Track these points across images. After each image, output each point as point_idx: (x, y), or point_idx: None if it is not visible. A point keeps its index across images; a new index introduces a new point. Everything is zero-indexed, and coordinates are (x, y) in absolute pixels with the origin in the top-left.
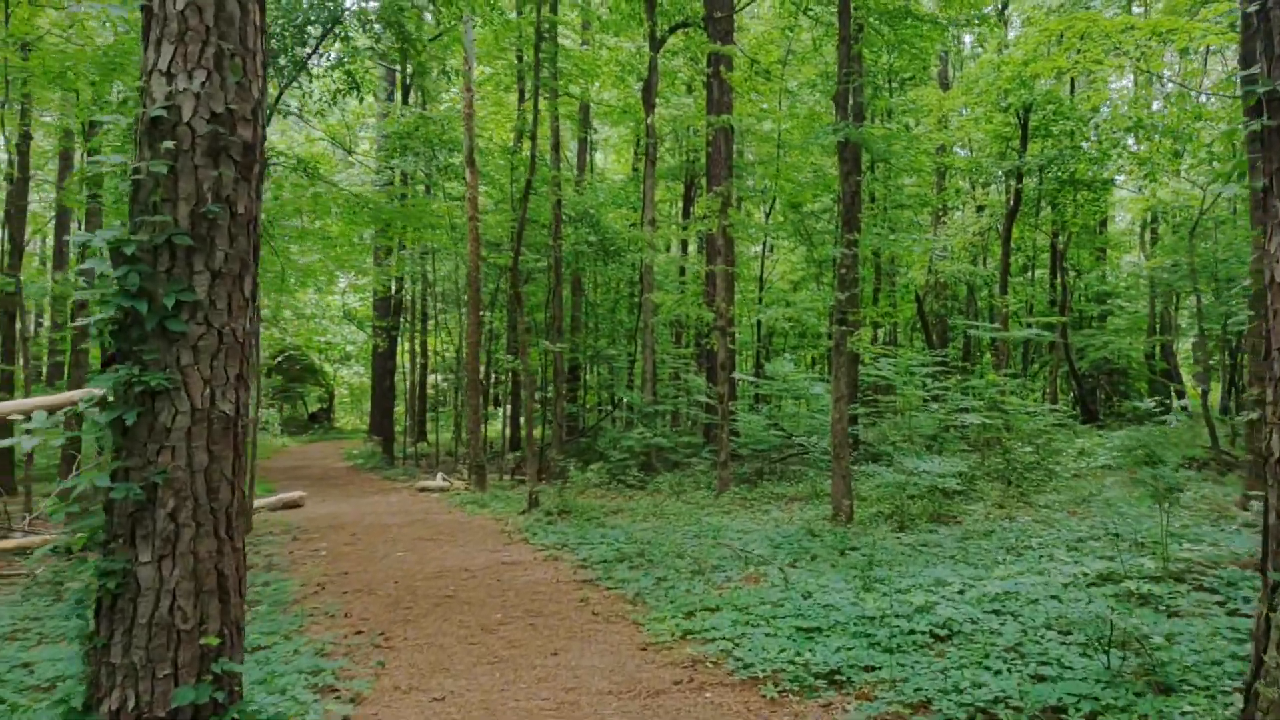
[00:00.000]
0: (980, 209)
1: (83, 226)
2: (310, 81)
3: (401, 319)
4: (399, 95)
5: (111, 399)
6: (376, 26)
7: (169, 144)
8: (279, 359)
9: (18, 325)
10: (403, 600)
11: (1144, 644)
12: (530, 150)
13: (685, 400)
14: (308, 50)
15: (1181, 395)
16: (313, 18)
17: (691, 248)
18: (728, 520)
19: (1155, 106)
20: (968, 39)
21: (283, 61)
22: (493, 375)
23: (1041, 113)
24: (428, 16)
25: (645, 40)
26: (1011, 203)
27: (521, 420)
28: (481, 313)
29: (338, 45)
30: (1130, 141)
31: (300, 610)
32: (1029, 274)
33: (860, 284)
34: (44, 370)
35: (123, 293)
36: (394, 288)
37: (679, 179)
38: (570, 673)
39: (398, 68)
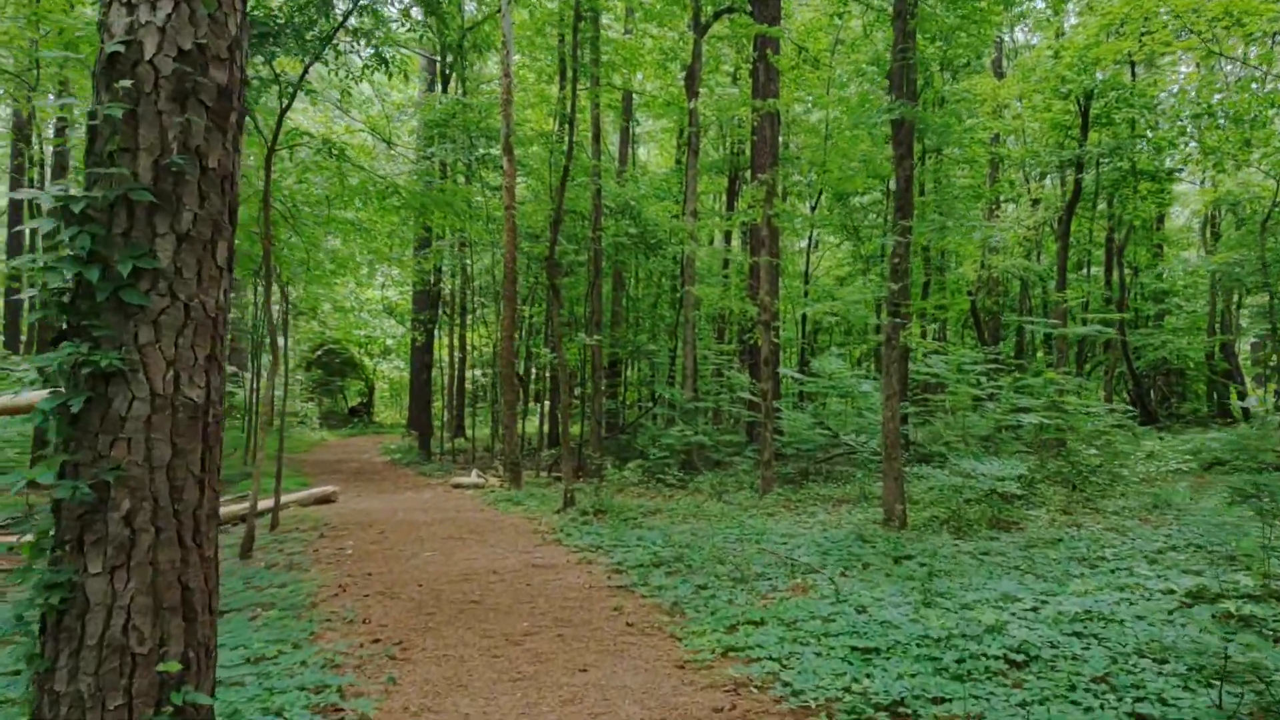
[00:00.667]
0: (1035, 202)
1: None
2: (336, 58)
3: (440, 312)
4: (439, 86)
5: (57, 383)
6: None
7: (127, 84)
8: (319, 352)
9: None
10: (425, 605)
11: (1262, 677)
12: (568, 137)
13: (727, 397)
14: (334, 24)
15: (1243, 397)
16: None
17: (735, 241)
18: (772, 523)
19: (1220, 96)
20: (1020, 33)
21: (308, 36)
22: (532, 370)
23: (1104, 100)
24: (469, 7)
25: (689, 26)
26: (1070, 194)
27: (559, 416)
28: (520, 307)
29: (365, 18)
30: (1194, 131)
31: (316, 615)
32: (1084, 270)
33: (910, 277)
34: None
35: (71, 258)
36: (432, 280)
37: (723, 172)
38: (599, 694)
39: (437, 57)
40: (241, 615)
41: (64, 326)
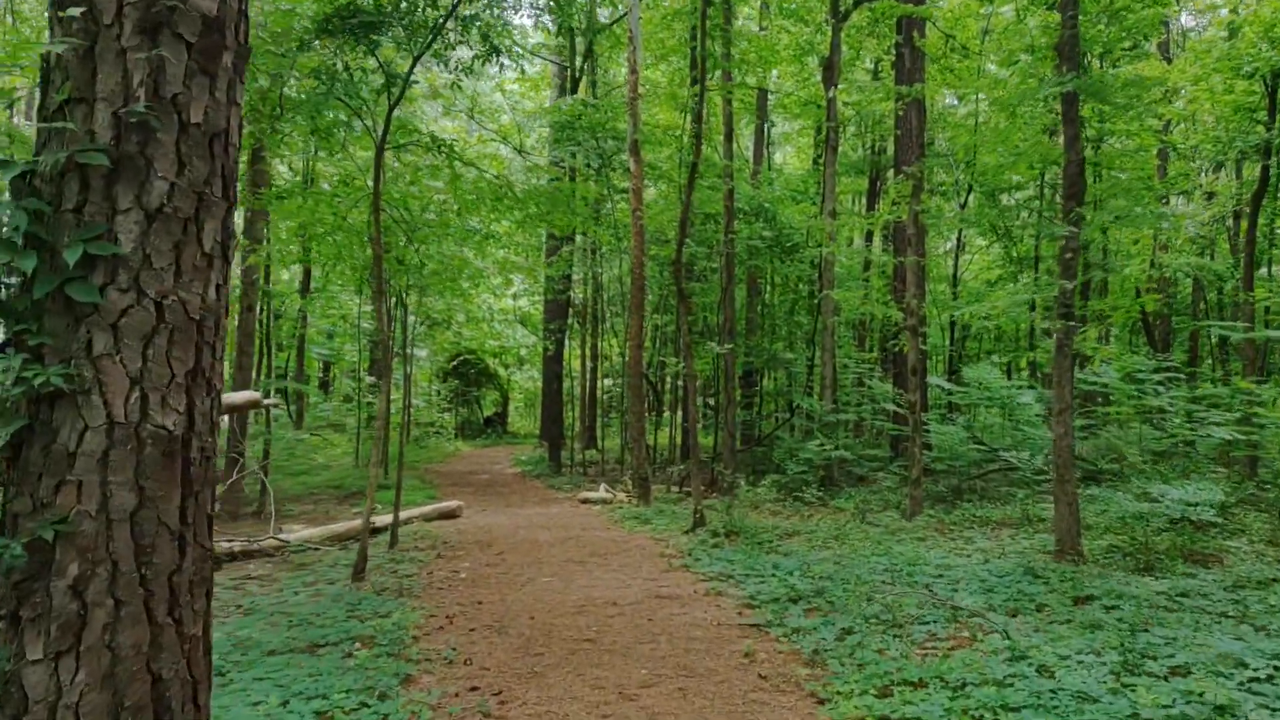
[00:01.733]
0: (1210, 195)
1: None
2: (447, 50)
3: (570, 320)
4: (569, 92)
5: None
6: None
7: (78, 11)
8: (455, 362)
9: None
10: (535, 643)
11: None
12: (696, 131)
13: (869, 408)
14: (442, 13)
15: None
16: None
17: (875, 243)
18: (923, 550)
19: None
20: (1186, 17)
21: (415, 23)
22: (666, 380)
23: None
24: (603, 13)
25: (827, 18)
26: (1258, 184)
27: (689, 429)
28: (649, 315)
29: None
30: None
31: (415, 653)
32: (1264, 269)
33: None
34: None
35: (3, 243)
36: (562, 287)
37: (862, 173)
38: None
39: (566, 63)
40: (337, 652)
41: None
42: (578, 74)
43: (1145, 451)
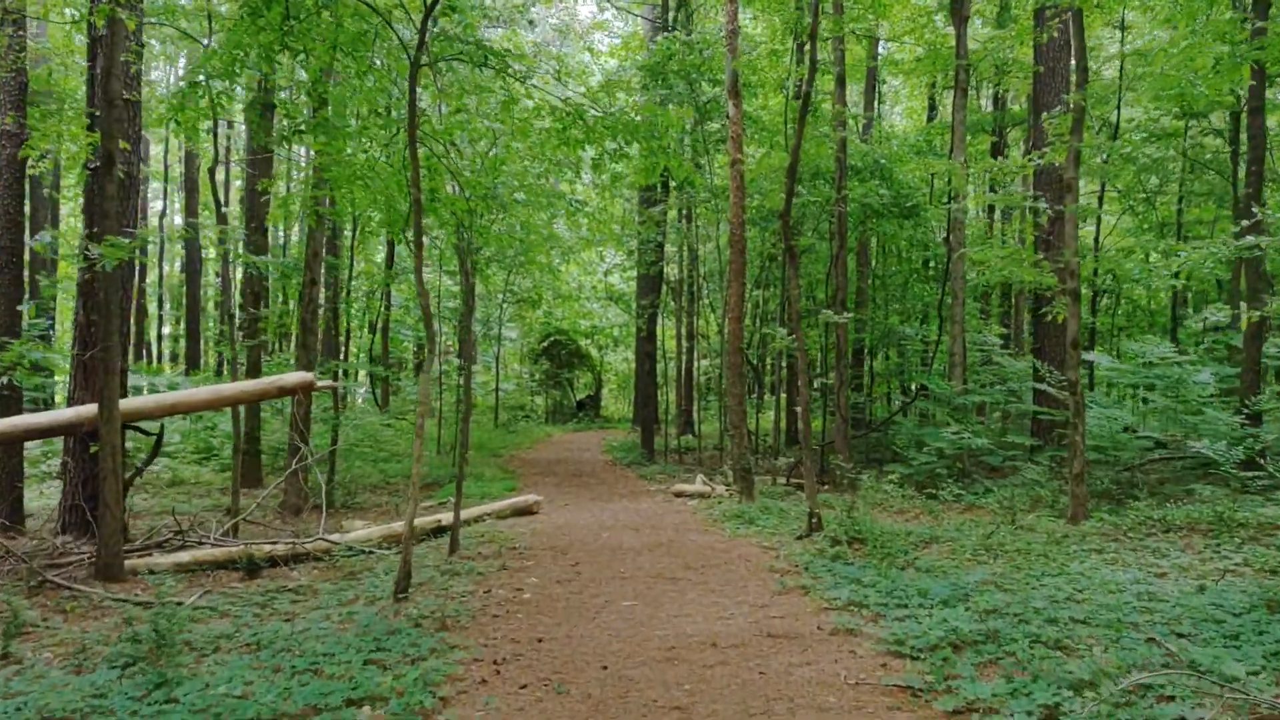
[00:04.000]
0: None
1: None
2: None
3: (663, 295)
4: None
5: None
6: None
7: None
8: (546, 343)
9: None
10: (605, 709)
11: None
12: (810, 52)
13: (999, 391)
14: None
15: None
16: None
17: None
18: (1103, 566)
19: None
20: None
21: None
22: (767, 360)
23: None
24: None
25: None
26: None
27: (797, 410)
28: (749, 292)
29: None
30: None
31: None
32: None
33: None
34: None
35: None
36: (654, 259)
37: (983, 130)
38: None
39: (658, 18)
40: None
41: None
42: (671, 26)
43: None
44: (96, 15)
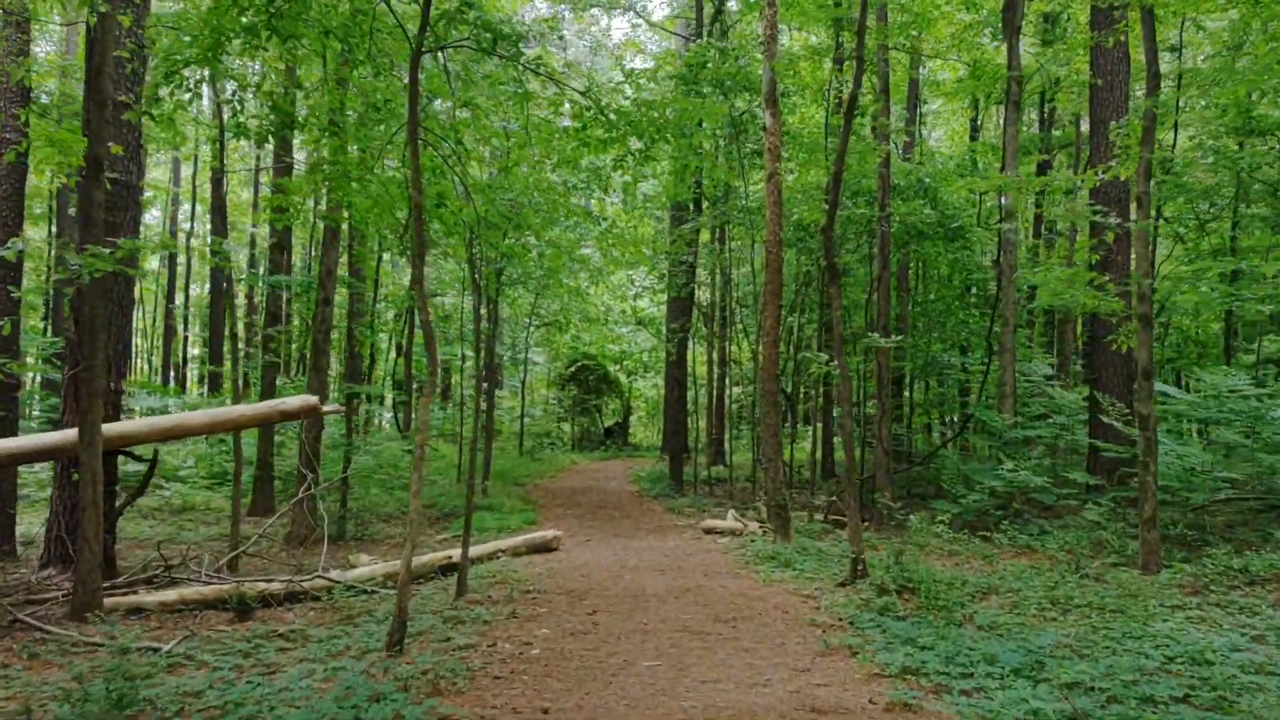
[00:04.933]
0: None
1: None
2: None
3: (694, 319)
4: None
5: None
6: None
7: None
8: (573, 368)
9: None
10: None
11: None
12: (857, 49)
13: (1050, 425)
14: None
15: None
16: None
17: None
18: (1189, 627)
19: None
20: None
21: None
22: (800, 388)
23: None
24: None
25: None
26: None
27: (836, 441)
28: (786, 316)
29: None
30: None
31: None
32: None
33: None
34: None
35: None
36: (685, 280)
37: (1030, 153)
38: None
39: (692, 35)
40: None
41: None
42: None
43: None
44: (80, 3)
